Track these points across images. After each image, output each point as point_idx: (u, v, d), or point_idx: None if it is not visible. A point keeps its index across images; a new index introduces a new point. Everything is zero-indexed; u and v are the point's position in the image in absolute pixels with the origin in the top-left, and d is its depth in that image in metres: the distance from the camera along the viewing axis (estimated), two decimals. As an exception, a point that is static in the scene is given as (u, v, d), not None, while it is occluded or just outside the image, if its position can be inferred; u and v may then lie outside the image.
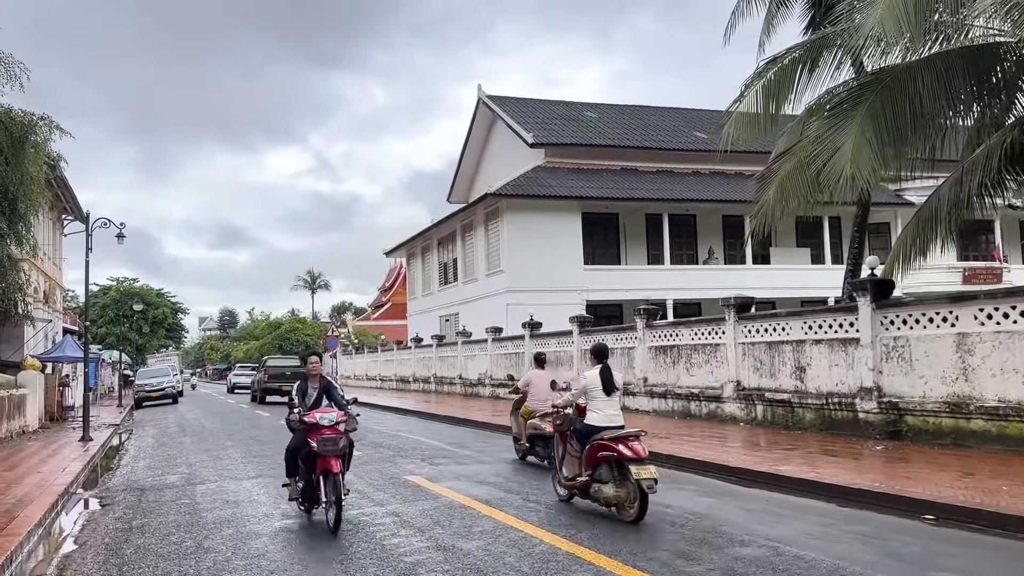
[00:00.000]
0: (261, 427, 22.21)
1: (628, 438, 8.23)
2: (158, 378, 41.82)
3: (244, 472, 12.67)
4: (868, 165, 10.37)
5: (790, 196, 12.04)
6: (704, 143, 39.71)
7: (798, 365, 14.88)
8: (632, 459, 7.91)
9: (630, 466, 7.85)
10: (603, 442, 8.27)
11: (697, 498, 9.05)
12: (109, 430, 23.10)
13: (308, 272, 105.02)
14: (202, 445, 17.80)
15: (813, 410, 14.43)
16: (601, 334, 22.62)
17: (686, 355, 18.28)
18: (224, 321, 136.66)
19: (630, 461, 7.89)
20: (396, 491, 9.98)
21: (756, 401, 15.84)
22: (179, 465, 14.24)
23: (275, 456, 14.58)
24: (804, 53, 13.62)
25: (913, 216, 15.38)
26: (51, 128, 19.53)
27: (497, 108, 40.09)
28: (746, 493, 9.40)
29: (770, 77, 13.92)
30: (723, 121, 14.59)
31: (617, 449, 8.06)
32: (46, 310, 33.08)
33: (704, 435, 14.60)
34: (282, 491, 10.30)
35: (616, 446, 8.13)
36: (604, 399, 8.81)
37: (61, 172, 24.04)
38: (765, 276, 34.71)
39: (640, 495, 7.75)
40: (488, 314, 33.49)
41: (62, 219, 37.36)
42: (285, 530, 8.02)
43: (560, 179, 35.28)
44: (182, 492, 10.93)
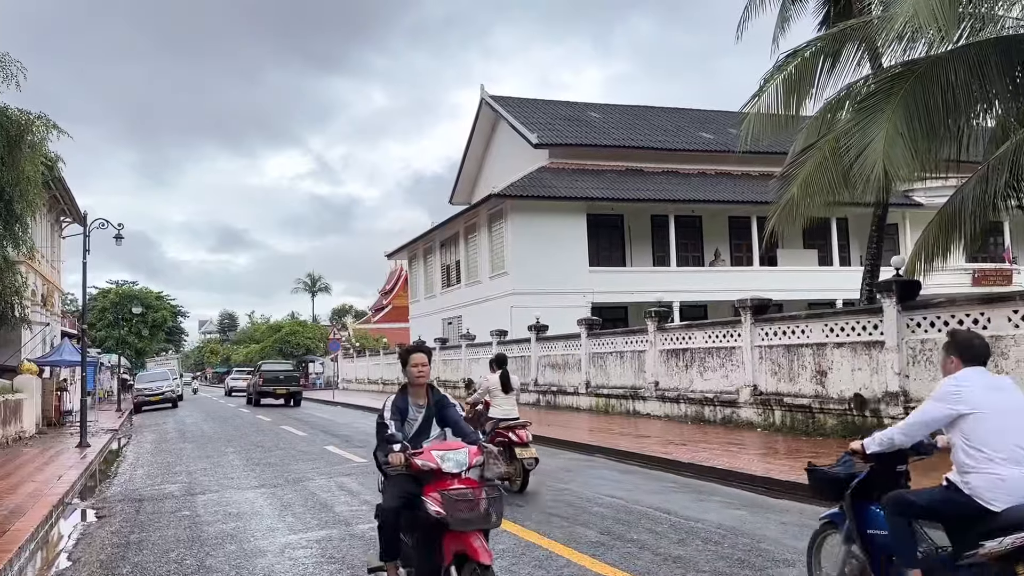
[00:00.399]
0: (262, 432, 21.73)
1: (517, 427, 10.30)
2: (157, 382, 41.34)
3: (246, 481, 12.18)
4: (901, 160, 9.90)
5: (815, 193, 11.56)
6: (710, 143, 39.30)
7: (818, 369, 14.40)
8: (518, 443, 10.07)
9: (516, 448, 10.03)
10: (499, 430, 10.28)
11: (725, 510, 8.55)
12: (107, 435, 22.61)
13: (308, 275, 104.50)
14: (202, 451, 17.32)
15: (835, 416, 13.95)
16: (610, 337, 22.16)
17: (699, 358, 17.80)
18: (224, 324, 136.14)
19: (516, 445, 10.06)
20: (407, 503, 9.48)
21: (774, 406, 15.36)
22: (178, 473, 13.75)
23: (277, 464, 14.15)
24: (826, 45, 13.19)
25: (936, 215, 14.87)
26: (48, 128, 19.05)
27: (500, 108, 39.62)
28: (776, 505, 8.92)
29: (790, 71, 13.47)
30: (741, 117, 14.15)
31: (508, 436, 10.18)
32: (44, 313, 32.58)
33: (721, 441, 14.12)
34: (288, 501, 9.85)
35: (508, 433, 10.21)
36: (503, 396, 10.73)
37: (59, 173, 23.52)
38: (772, 278, 34.15)
39: (523, 471, 10.00)
40: (492, 317, 33.01)
41: (60, 221, 36.87)
42: (291, 547, 7.53)
43: (565, 180, 34.81)
44: (182, 503, 10.44)
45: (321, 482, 11.58)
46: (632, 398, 20.33)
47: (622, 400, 20.87)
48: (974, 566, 4.06)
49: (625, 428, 17.30)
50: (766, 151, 38.88)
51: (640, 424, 18.15)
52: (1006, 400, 4.26)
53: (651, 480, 10.88)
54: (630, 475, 11.46)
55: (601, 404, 21.94)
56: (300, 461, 14.46)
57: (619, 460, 13.23)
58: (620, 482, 10.69)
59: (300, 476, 12.39)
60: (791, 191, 11.95)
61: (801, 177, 11.81)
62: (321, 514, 9.05)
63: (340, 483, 11.41)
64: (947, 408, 4.29)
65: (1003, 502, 4.05)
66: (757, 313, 16.06)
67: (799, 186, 11.73)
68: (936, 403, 4.37)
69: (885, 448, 4.66)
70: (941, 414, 4.34)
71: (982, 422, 4.18)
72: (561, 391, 24.39)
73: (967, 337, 4.61)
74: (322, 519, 8.73)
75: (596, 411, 21.92)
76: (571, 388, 23.73)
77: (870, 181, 9.97)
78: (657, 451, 13.03)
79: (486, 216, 35.29)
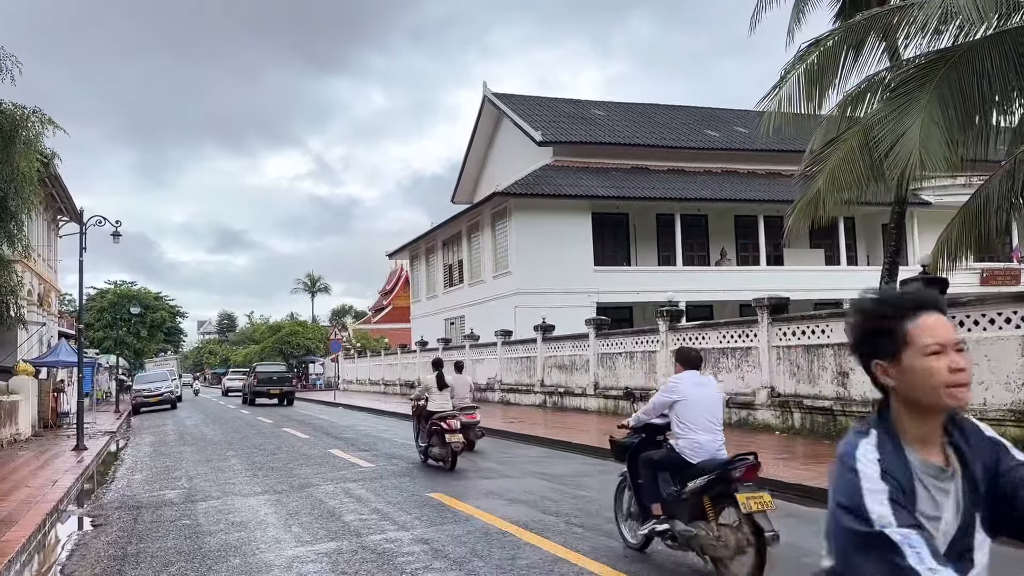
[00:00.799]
0: (264, 435, 21.24)
1: (448, 418, 12.67)
2: (156, 383, 40.86)
3: (249, 487, 11.69)
4: (937, 151, 9.43)
5: (843, 187, 11.09)
6: (716, 141, 38.88)
7: (840, 370, 13.93)
8: (447, 431, 12.42)
9: (445, 435, 12.41)
10: (434, 420, 12.80)
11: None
12: (105, 438, 22.15)
13: (308, 275, 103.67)
14: (202, 455, 16.84)
15: (858, 419, 13.43)
16: (619, 337, 21.68)
17: (713, 359, 17.32)
18: (223, 325, 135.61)
19: (446, 432, 12.41)
20: (420, 512, 9.00)
21: (793, 408, 14.89)
22: (178, 478, 13.27)
23: (281, 468, 13.66)
24: (849, 34, 12.72)
25: (958, 212, 14.44)
26: (44, 123, 18.60)
27: (503, 106, 39.16)
28: (811, 514, 8.44)
29: (813, 60, 13.00)
30: (760, 110, 13.67)
31: (440, 425, 12.56)
32: (41, 313, 32.08)
33: (739, 445, 13.59)
34: (293, 509, 9.37)
35: (440, 423, 12.61)
36: (438, 393, 13.57)
37: (55, 170, 23.06)
38: (779, 277, 33.62)
39: (452, 454, 12.41)
40: (495, 317, 32.55)
41: (57, 220, 36.37)
42: (299, 560, 7.05)
43: (569, 178, 34.35)
44: (182, 511, 9.96)
45: (327, 488, 11.10)
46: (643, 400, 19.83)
47: (632, 402, 20.38)
48: (689, 499, 6.19)
49: (637, 431, 16.82)
50: (774, 149, 38.72)
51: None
52: (705, 392, 6.49)
53: (673, 486, 10.40)
54: (649, 481, 10.99)
55: (610, 406, 21.45)
56: (304, 466, 13.99)
57: (635, 464, 12.76)
58: (641, 488, 10.21)
59: (305, 482, 11.92)
60: (816, 185, 11.49)
61: (827, 170, 11.33)
62: (329, 524, 8.57)
63: (347, 489, 10.92)
64: (668, 397, 6.50)
65: (699, 457, 6.24)
66: (774, 312, 15.59)
67: (825, 179, 11.25)
68: (662, 394, 6.63)
69: (638, 424, 7.02)
70: (664, 400, 6.56)
71: (688, 406, 6.37)
72: (568, 392, 23.91)
73: (686, 351, 6.99)
74: (331, 529, 8.25)
75: (605, 413, 21.44)
76: (579, 389, 23.25)
77: (905, 172, 9.49)
78: (676, 455, 12.55)
79: (489, 215, 34.81)
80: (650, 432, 6.94)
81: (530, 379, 26.85)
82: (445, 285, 41.53)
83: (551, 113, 39.17)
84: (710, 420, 6.37)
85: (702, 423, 6.32)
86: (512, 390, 28.18)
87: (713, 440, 6.33)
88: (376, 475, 12.23)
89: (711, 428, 6.36)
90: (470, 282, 37.50)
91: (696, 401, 6.37)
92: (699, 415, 6.34)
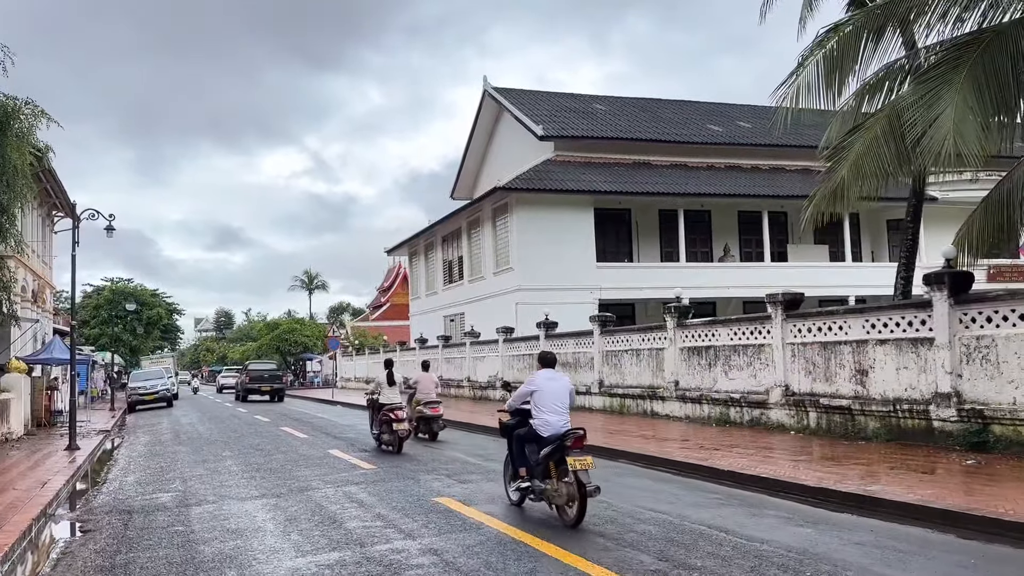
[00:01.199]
0: (261, 434, 20.73)
1: (395, 409, 15.16)
2: (152, 380, 40.38)
3: (246, 491, 11.19)
4: (972, 137, 8.94)
5: (867, 176, 10.60)
6: (719, 136, 38.39)
7: (859, 368, 13.44)
8: (395, 420, 14.88)
9: (393, 424, 14.88)
10: (384, 411, 15.27)
11: (788, 528, 7.59)
12: (99, 437, 21.64)
13: (305, 272, 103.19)
14: (198, 455, 16.34)
15: (877, 418, 12.99)
16: (625, 334, 21.20)
17: (724, 356, 16.84)
18: (220, 322, 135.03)
19: (393, 421, 14.88)
20: (427, 518, 8.49)
21: (808, 407, 14.40)
22: (172, 480, 12.77)
23: (279, 470, 13.17)
24: (868, 20, 12.23)
25: (980, 204, 13.97)
26: (37, 115, 18.11)
27: (504, 100, 38.64)
28: (841, 520, 7.95)
29: (831, 47, 12.53)
30: (777, 97, 13.17)
31: (389, 415, 15.04)
32: (35, 310, 31.57)
33: (754, 446, 13.17)
34: (293, 514, 8.88)
35: (389, 413, 15.08)
36: (388, 388, 15.76)
37: (49, 164, 22.54)
38: (783, 274, 33.17)
39: (399, 440, 14.88)
40: (496, 313, 32.06)
41: (52, 216, 35.84)
42: (299, 573, 6.55)
43: (571, 173, 33.84)
44: (175, 516, 9.46)
45: (328, 492, 10.59)
46: (650, 398, 19.37)
47: (639, 400, 19.91)
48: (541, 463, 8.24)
49: (645, 430, 16.35)
50: (778, 144, 38.22)
51: (660, 426, 17.21)
52: (555, 385, 8.52)
53: (691, 490, 9.91)
54: (665, 484, 10.51)
55: (616, 404, 20.98)
56: (303, 467, 13.48)
57: (645, 466, 12.29)
58: (658, 493, 9.73)
59: (304, 484, 11.42)
60: (839, 174, 10.99)
61: (851, 159, 10.83)
62: (331, 531, 8.07)
63: (348, 493, 10.42)
64: (527, 388, 8.61)
65: (548, 432, 8.26)
66: (789, 308, 15.09)
67: (849, 168, 10.76)
68: (524, 386, 8.73)
69: (511, 408, 9.10)
70: (525, 391, 8.66)
71: (541, 395, 8.40)
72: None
73: (544, 354, 9.17)
74: (332, 538, 7.74)
75: (610, 411, 20.96)
76: (583, 387, 22.74)
77: (939, 159, 9.00)
78: (692, 457, 12.05)
79: (490, 210, 34.31)
80: (523, 415, 8.82)
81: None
82: (445, 282, 41.02)
83: (552, 107, 38.65)
84: (558, 405, 8.43)
85: (551, 407, 8.40)
86: (514, 388, 27.63)
87: (559, 419, 8.39)
88: (378, 478, 11.73)
89: (558, 411, 8.41)
90: (470, 279, 37.01)
91: (547, 391, 8.47)
92: (549, 401, 8.42)
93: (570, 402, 8.62)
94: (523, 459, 8.65)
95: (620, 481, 10.80)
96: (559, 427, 8.26)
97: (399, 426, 14.80)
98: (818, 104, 12.32)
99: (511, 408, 9.10)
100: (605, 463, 12.68)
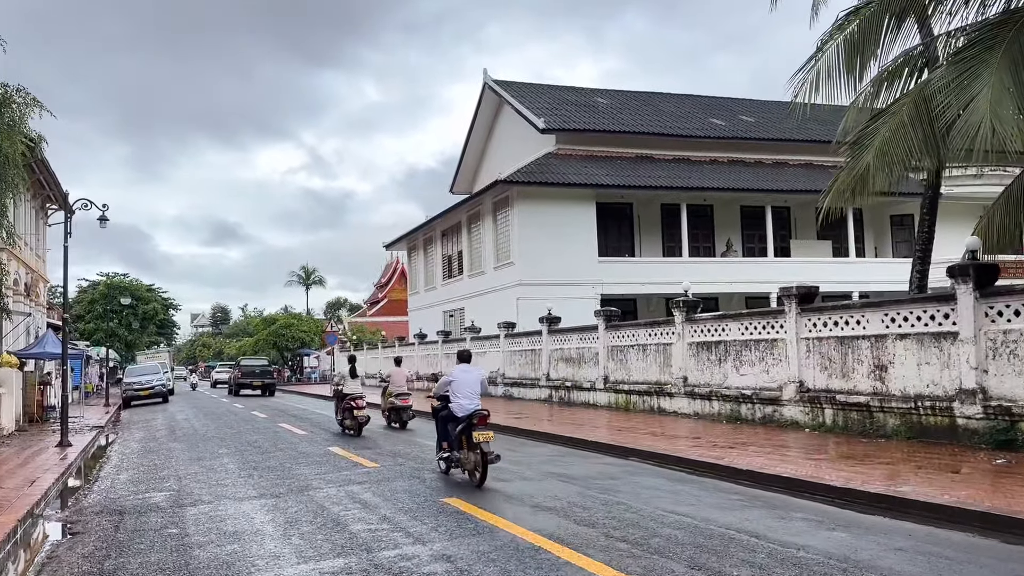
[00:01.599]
0: (258, 431, 20.24)
1: (356, 398, 17.42)
2: (148, 376, 39.86)
3: (243, 490, 10.71)
4: (1010, 118, 8.49)
5: (893, 162, 10.16)
6: (721, 130, 37.94)
7: (877, 364, 12.99)
8: (355, 408, 17.23)
9: (354, 411, 17.22)
10: (347, 400, 17.67)
11: (820, 532, 7.15)
12: (92, 433, 21.13)
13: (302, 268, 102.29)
14: (193, 452, 15.86)
15: (897, 415, 12.55)
16: (631, 329, 20.74)
17: (735, 352, 16.39)
18: (216, 318, 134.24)
19: (354, 409, 17.23)
20: (436, 520, 8.02)
21: (824, 404, 13.96)
22: (166, 479, 12.29)
23: (277, 468, 12.70)
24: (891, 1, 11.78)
25: (1000, 195, 13.61)
26: (29, 103, 17.57)
27: (505, 93, 38.14)
28: (874, 523, 7.51)
29: (852, 30, 12.09)
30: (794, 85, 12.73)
31: (351, 403, 17.39)
32: (27, 304, 31.01)
33: (769, 443, 12.73)
34: (293, 516, 8.41)
35: (351, 402, 17.41)
36: (351, 381, 18.33)
37: (42, 154, 22.03)
38: (786, 269, 32.76)
39: (359, 425, 17.28)
40: (497, 309, 31.60)
41: (46, 208, 35.29)
42: (303, 580, 6.09)
43: (573, 166, 33.38)
44: (169, 518, 8.98)
45: (329, 492, 10.12)
46: (657, 394, 18.92)
47: (645, 396, 19.46)
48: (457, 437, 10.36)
49: (653, 427, 15.91)
50: (781, 138, 37.86)
51: (668, 422, 16.76)
52: (468, 376, 10.57)
53: (709, 491, 9.46)
54: (681, 484, 10.05)
55: (621, 400, 20.52)
56: (303, 465, 13.01)
57: (658, 464, 11.84)
58: (676, 494, 9.26)
59: (304, 484, 10.94)
60: (863, 161, 10.55)
61: (876, 145, 10.39)
62: (334, 535, 7.60)
63: (351, 493, 9.95)
64: (446, 379, 10.78)
65: (461, 413, 10.30)
66: (803, 302, 14.64)
67: (875, 155, 10.31)
68: (445, 377, 10.96)
69: (437, 395, 11.22)
70: (445, 381, 10.83)
71: (458, 385, 10.47)
72: (576, 386, 22.96)
73: (461, 351, 11.43)
74: (336, 543, 7.27)
75: (616, 408, 20.51)
76: (587, 384, 22.31)
77: (976, 142, 8.53)
78: (707, 455, 11.60)
79: (491, 204, 33.83)
80: (448, 400, 10.79)
81: (535, 373, 25.89)
82: (444, 277, 40.55)
83: (553, 101, 38.16)
84: (470, 392, 10.55)
85: (465, 393, 10.52)
86: (516, 384, 27.23)
87: (471, 403, 10.48)
88: (382, 476, 11.26)
89: (470, 397, 10.52)
90: (470, 273, 36.53)
91: (462, 381, 10.62)
92: (463, 389, 10.54)
93: (481, 390, 10.69)
94: (445, 434, 10.94)
95: (634, 480, 10.34)
96: (469, 409, 10.37)
97: (359, 412, 17.30)
98: (839, 90, 11.88)
99: (437, 395, 11.28)
100: (616, 461, 12.26)
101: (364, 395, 17.85)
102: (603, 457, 12.86)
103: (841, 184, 11.58)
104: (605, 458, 12.73)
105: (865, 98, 13.22)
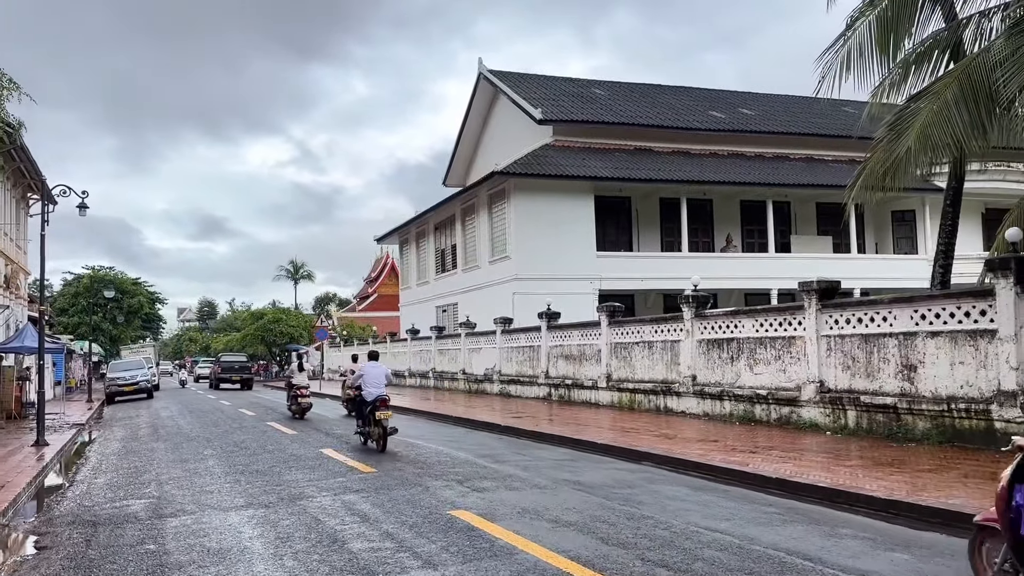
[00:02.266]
0: (245, 429, 19.35)
1: (302, 387, 22.11)
2: (131, 371, 38.90)
3: (229, 498, 9.85)
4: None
5: (938, 145, 9.39)
6: (721, 123, 37.21)
7: (906, 363, 12.25)
8: (300, 396, 21.83)
9: (299, 399, 21.84)
10: (294, 390, 22.16)
11: (880, 553, 6.37)
12: (72, 431, 20.24)
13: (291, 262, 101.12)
14: (176, 453, 14.99)
15: (928, 418, 11.81)
16: (636, 325, 19.96)
17: (748, 350, 15.63)
18: (203, 312, 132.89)
19: (299, 397, 21.83)
20: (445, 538, 7.18)
21: (846, 406, 13.21)
22: (147, 484, 11.42)
23: (266, 472, 11.85)
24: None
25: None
26: (6, 86, 16.63)
27: (500, 83, 37.31)
28: (935, 542, 6.75)
29: (884, 5, 11.33)
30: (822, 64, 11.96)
31: (296, 392, 22.03)
32: (7, 296, 29.98)
33: (791, 448, 11.97)
34: (285, 531, 7.56)
35: (297, 391, 22.01)
36: (299, 374, 22.99)
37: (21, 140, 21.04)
38: (786, 265, 32.16)
39: (303, 410, 21.83)
40: (492, 304, 30.80)
41: (27, 198, 34.24)
42: (297, 613, 5.26)
43: (570, 158, 32.57)
44: (147, 531, 8.13)
45: (324, 501, 9.26)
46: (663, 393, 18.14)
47: (650, 396, 18.68)
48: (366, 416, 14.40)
49: (663, 428, 15.13)
50: (782, 132, 37.17)
51: (676, 423, 16.00)
52: (375, 371, 14.67)
53: (739, 502, 8.67)
54: (706, 493, 9.26)
55: (625, 400, 19.74)
56: (294, 469, 12.14)
57: (673, 470, 11.07)
58: (705, 506, 8.46)
59: (296, 491, 10.09)
60: (902, 145, 9.78)
61: (917, 127, 9.63)
62: (331, 554, 6.77)
63: (348, 503, 9.10)
64: (358, 374, 15.32)
65: (370, 398, 14.32)
66: (824, 297, 13.88)
67: (915, 137, 9.54)
68: (357, 372, 15.72)
69: (352, 386, 17.13)
70: (357, 375, 15.43)
71: (366, 378, 14.60)
72: (577, 385, 22.17)
73: (371, 351, 15.98)
74: (335, 565, 6.43)
75: (619, 407, 19.73)
76: (588, 382, 21.52)
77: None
78: (730, 461, 10.82)
79: (486, 197, 32.99)
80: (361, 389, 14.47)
81: (533, 370, 25.09)
82: (437, 271, 39.70)
83: (550, 91, 37.35)
84: (377, 382, 14.28)
85: (372, 383, 14.26)
86: (513, 381, 26.43)
87: (377, 391, 14.14)
88: (380, 483, 10.42)
89: (378, 386, 14.22)
90: (464, 267, 35.71)
91: (370, 374, 14.45)
92: (371, 380, 14.34)
93: (386, 381, 14.49)
94: (360, 414, 14.66)
95: (654, 489, 9.54)
96: (375, 395, 14.13)
97: (303, 400, 21.95)
98: (872, 68, 11.13)
99: (353, 385, 16.26)
100: (629, 467, 11.47)
101: (309, 386, 23.09)
102: (615, 462, 12.07)
103: (870, 172, 10.81)
104: (617, 463, 11.94)
105: (891, 82, 12.48)
